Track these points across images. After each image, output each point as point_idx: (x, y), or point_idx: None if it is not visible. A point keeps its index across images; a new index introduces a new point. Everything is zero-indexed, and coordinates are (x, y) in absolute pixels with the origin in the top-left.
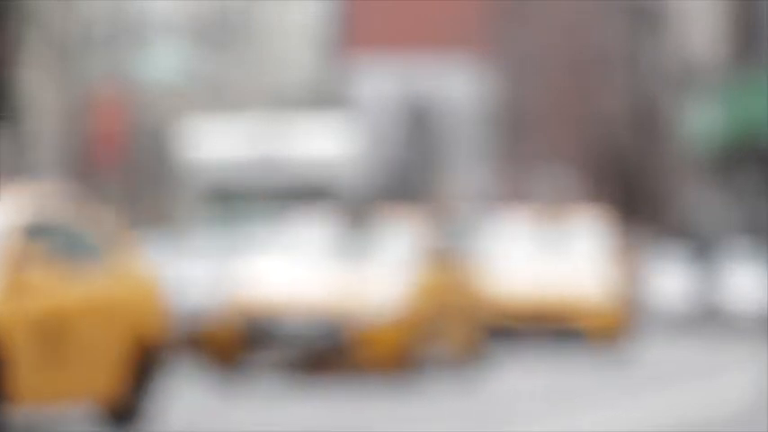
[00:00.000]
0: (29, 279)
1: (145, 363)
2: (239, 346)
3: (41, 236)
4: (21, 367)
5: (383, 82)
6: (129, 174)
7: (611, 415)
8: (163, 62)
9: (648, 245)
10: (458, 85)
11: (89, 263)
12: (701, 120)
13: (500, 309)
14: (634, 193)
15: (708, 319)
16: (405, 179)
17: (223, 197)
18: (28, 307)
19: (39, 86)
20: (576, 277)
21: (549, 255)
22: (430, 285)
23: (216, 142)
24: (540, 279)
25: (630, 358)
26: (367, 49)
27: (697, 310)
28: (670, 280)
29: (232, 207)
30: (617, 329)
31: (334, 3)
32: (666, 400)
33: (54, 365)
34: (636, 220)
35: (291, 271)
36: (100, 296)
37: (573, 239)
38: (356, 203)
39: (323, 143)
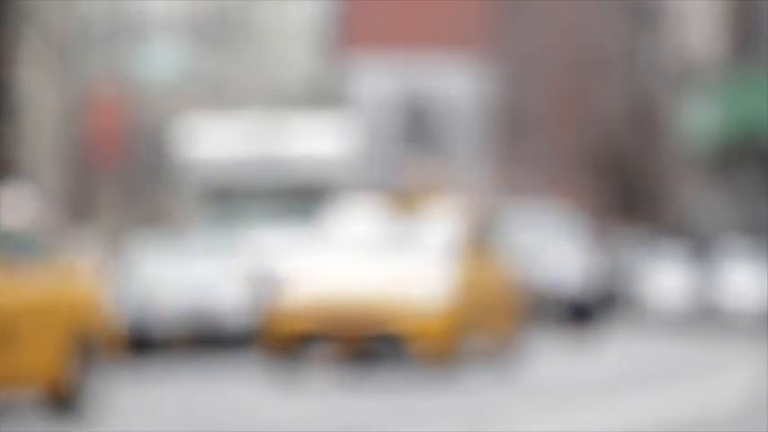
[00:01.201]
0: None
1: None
2: None
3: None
4: None
5: (382, 81)
6: (127, 172)
7: (608, 414)
8: (161, 60)
9: (646, 243)
10: (457, 84)
11: (35, 262)
12: (699, 118)
13: (305, 311)
14: (633, 192)
15: (706, 318)
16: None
17: (221, 196)
18: None
19: (37, 85)
20: (410, 275)
21: (385, 248)
22: None
23: (214, 141)
24: (363, 276)
25: (628, 355)
26: (366, 48)
27: (695, 309)
28: (668, 278)
29: (231, 206)
30: (448, 338)
31: (333, 1)
32: (665, 399)
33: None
34: (635, 218)
35: None
36: (45, 294)
37: (421, 233)
38: None
39: (322, 142)
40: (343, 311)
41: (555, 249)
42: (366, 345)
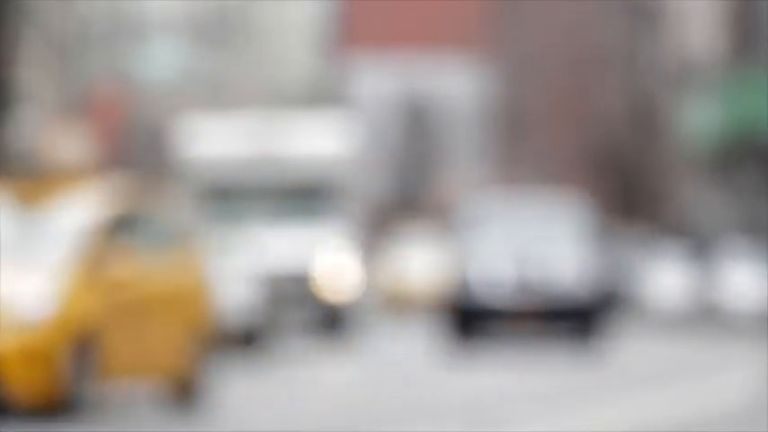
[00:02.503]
0: (113, 269)
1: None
2: None
3: (126, 227)
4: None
5: (382, 80)
6: (127, 171)
7: (608, 415)
8: (161, 60)
9: (646, 243)
10: (456, 84)
11: (162, 252)
12: (699, 118)
13: None
14: (633, 191)
15: (706, 318)
16: (403, 177)
17: (221, 195)
18: (113, 295)
19: (37, 85)
20: (7, 284)
21: None
22: None
23: (214, 140)
24: None
25: (628, 355)
26: (365, 48)
27: (695, 309)
28: (668, 278)
29: (230, 205)
30: (52, 368)
31: (333, 1)
32: (665, 399)
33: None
34: (634, 217)
35: None
36: (172, 285)
37: (41, 228)
38: None
39: (321, 141)
40: None
41: (555, 245)
42: None
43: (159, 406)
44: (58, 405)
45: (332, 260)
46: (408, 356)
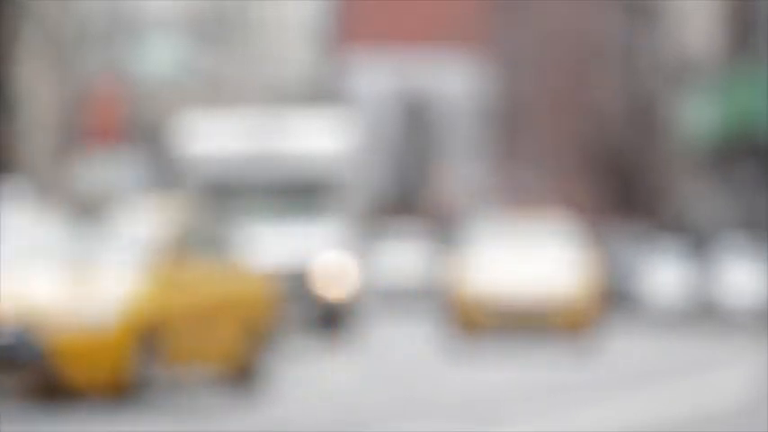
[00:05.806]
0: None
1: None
2: None
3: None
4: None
5: (380, 77)
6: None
7: (607, 412)
8: (160, 57)
9: (644, 239)
10: (454, 81)
11: (219, 261)
12: (698, 114)
13: None
14: (631, 188)
15: (704, 315)
16: (402, 175)
17: (219, 192)
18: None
19: (35, 81)
20: None
21: None
22: None
23: (213, 137)
24: None
25: (625, 352)
26: (364, 45)
27: (694, 305)
28: (667, 275)
29: (228, 202)
30: (113, 355)
31: None
32: (663, 397)
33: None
34: (633, 214)
35: None
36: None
37: (121, 235)
38: None
39: (320, 139)
40: None
41: None
42: None
43: (218, 391)
44: (123, 390)
45: (330, 258)
46: (407, 354)
